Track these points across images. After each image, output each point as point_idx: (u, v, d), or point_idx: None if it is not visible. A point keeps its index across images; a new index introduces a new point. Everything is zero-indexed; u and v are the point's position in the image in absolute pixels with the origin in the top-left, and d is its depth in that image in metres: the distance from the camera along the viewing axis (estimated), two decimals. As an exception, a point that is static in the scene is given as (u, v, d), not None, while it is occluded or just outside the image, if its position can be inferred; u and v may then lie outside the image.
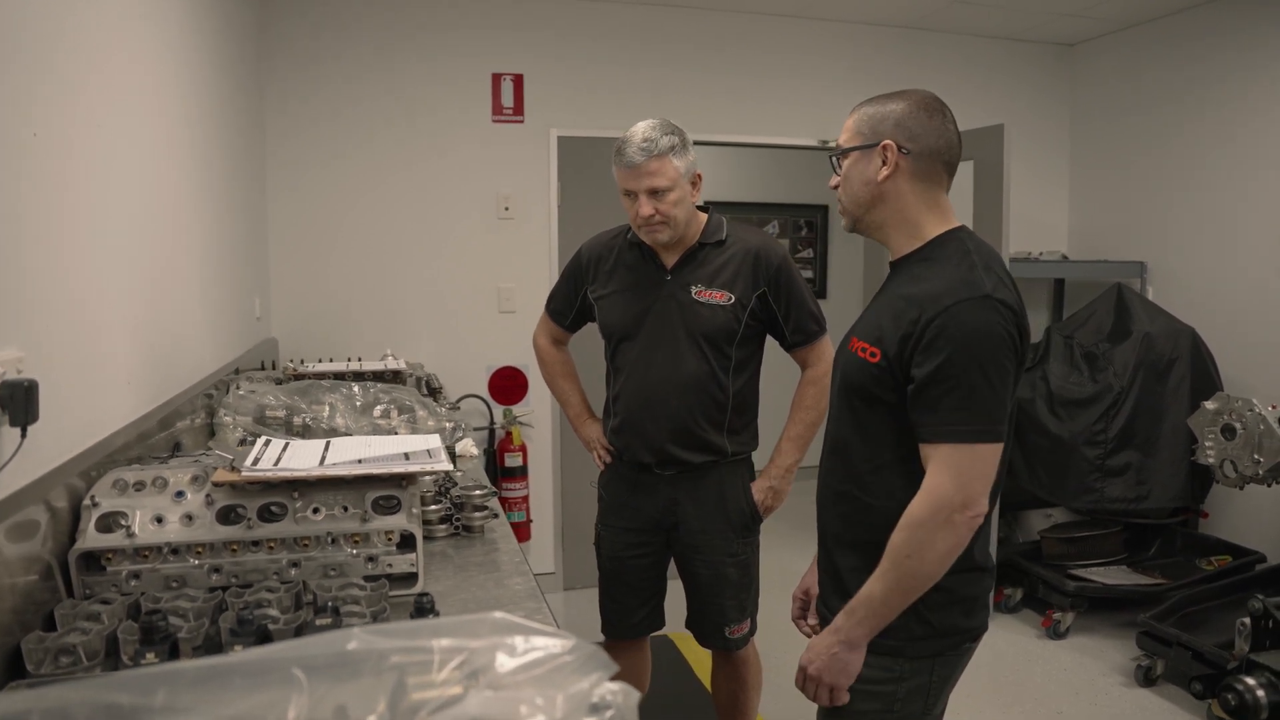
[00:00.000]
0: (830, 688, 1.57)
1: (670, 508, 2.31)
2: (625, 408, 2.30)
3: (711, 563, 2.32)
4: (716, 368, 2.24)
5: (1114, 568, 3.91)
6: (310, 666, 0.73)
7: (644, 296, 2.27)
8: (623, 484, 2.38)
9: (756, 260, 2.24)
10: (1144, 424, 3.75)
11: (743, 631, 2.40)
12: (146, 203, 1.97)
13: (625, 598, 2.43)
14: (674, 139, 2.17)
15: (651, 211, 2.16)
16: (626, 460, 2.34)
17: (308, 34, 3.94)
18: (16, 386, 1.19)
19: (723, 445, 2.27)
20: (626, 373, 2.30)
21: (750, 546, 2.37)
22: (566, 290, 2.46)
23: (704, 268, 2.25)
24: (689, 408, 2.23)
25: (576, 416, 2.54)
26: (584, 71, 4.29)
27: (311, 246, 4.02)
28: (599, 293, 2.36)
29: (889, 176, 1.53)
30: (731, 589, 2.34)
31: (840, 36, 4.61)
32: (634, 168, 2.15)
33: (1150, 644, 3.31)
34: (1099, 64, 4.83)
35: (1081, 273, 4.65)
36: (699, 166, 2.25)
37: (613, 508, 2.42)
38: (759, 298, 2.24)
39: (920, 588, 1.48)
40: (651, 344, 2.25)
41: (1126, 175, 4.67)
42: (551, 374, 2.58)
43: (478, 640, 0.76)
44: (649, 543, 2.37)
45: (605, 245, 2.39)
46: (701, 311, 2.22)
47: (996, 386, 1.43)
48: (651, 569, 2.41)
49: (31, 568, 1.29)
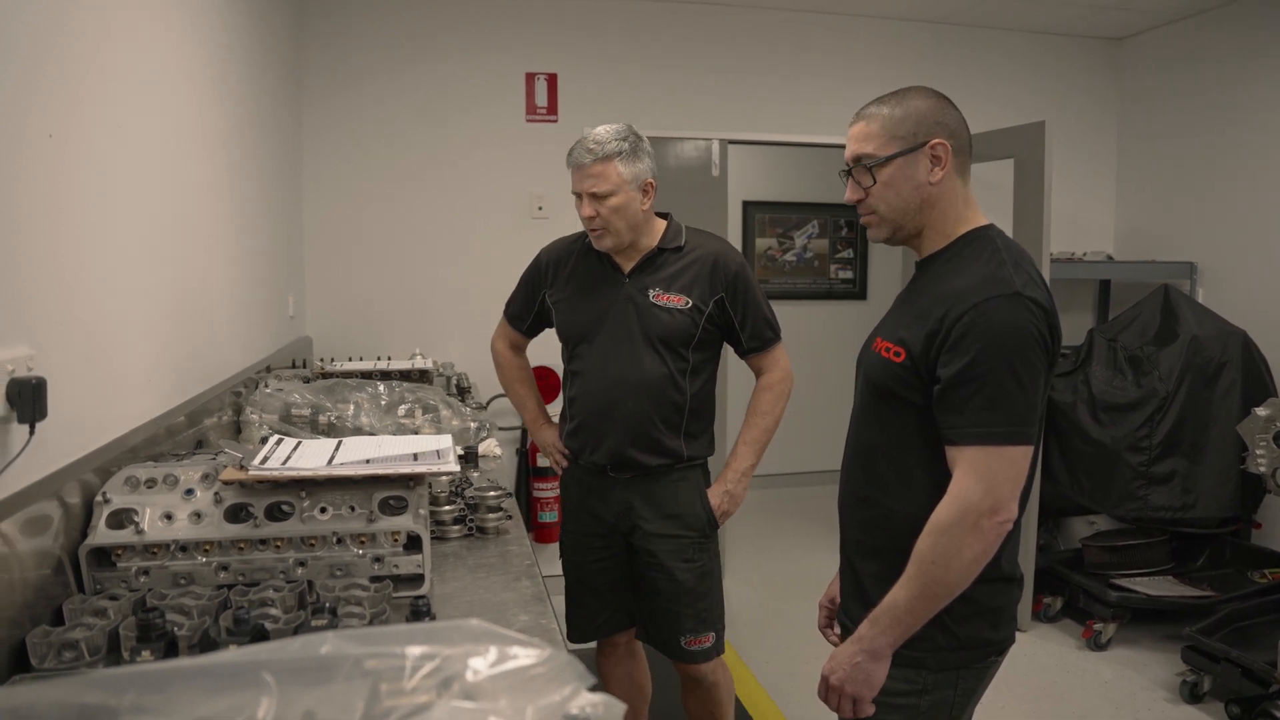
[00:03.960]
0: (853, 698, 1.52)
1: (626, 511, 2.28)
2: (582, 410, 2.28)
3: (666, 568, 2.26)
4: (674, 370, 2.21)
5: (1159, 578, 3.79)
6: (281, 670, 0.72)
7: (601, 299, 2.26)
8: (579, 488, 2.35)
9: (715, 266, 2.22)
10: (1191, 430, 3.62)
11: (702, 645, 2.31)
12: (168, 203, 1.99)
13: (587, 600, 2.39)
14: (623, 145, 2.16)
15: (592, 213, 2.16)
16: (583, 463, 2.31)
17: (343, 33, 3.98)
18: (25, 384, 1.20)
19: (679, 449, 2.24)
20: (583, 375, 2.28)
21: (708, 554, 2.31)
22: (525, 295, 2.45)
23: (661, 272, 2.24)
24: (645, 410, 2.20)
25: (533, 421, 2.54)
26: (618, 71, 4.28)
27: (346, 246, 4.06)
28: (556, 296, 2.35)
29: (943, 177, 1.48)
30: (688, 596, 2.27)
31: (877, 33, 4.54)
32: (578, 168, 2.18)
33: (1196, 659, 3.19)
34: (1147, 59, 4.69)
35: (1127, 274, 4.52)
36: (653, 173, 2.23)
37: (570, 513, 2.40)
38: (716, 303, 2.22)
39: (947, 596, 1.43)
40: (608, 346, 2.23)
41: (1176, 173, 4.53)
42: (508, 379, 2.57)
43: (451, 648, 0.75)
44: (608, 546, 2.33)
45: (564, 249, 2.38)
46: (659, 314, 2.20)
47: (1026, 386, 1.38)
48: (612, 571, 2.36)
49: (43, 563, 1.30)
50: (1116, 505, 3.70)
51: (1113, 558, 3.84)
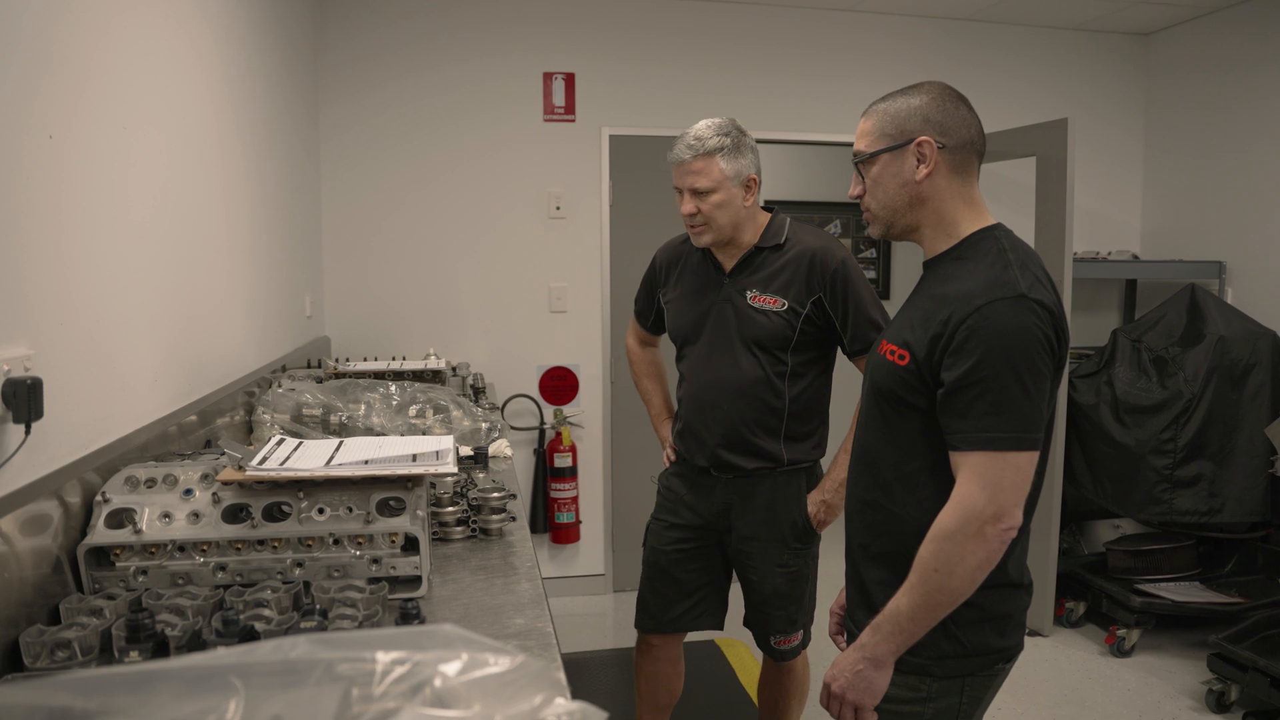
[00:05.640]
0: (855, 706, 1.50)
1: (724, 511, 2.30)
2: (686, 411, 2.32)
3: (760, 570, 2.29)
4: (771, 374, 2.19)
5: (1185, 584, 3.71)
6: (250, 674, 0.72)
7: (704, 300, 2.27)
8: (682, 483, 2.38)
9: (812, 264, 2.17)
10: (1217, 433, 3.54)
11: (790, 644, 2.37)
12: (178, 205, 2.00)
13: (666, 589, 2.39)
14: (725, 140, 2.14)
15: (693, 210, 2.15)
16: (688, 462, 2.34)
17: (361, 33, 4.00)
18: (20, 384, 1.21)
19: (777, 452, 2.23)
20: (688, 377, 2.31)
21: (803, 559, 2.31)
22: (645, 293, 2.50)
23: (760, 271, 2.21)
24: (740, 413, 2.20)
25: (656, 416, 2.58)
26: (637, 69, 4.26)
27: (363, 246, 4.07)
28: (668, 296, 2.38)
29: (929, 175, 1.46)
30: (779, 599, 2.30)
31: (900, 31, 4.49)
32: (679, 164, 2.17)
33: (1223, 667, 3.12)
34: (1176, 53, 4.59)
35: (1154, 273, 4.43)
36: (757, 169, 2.21)
37: (666, 503, 2.41)
38: (814, 304, 2.17)
39: (950, 604, 1.40)
40: (710, 348, 2.25)
41: (1205, 170, 4.43)
42: (636, 373, 2.62)
43: (423, 653, 0.74)
44: (695, 540, 2.35)
45: (676, 249, 2.41)
46: (755, 317, 2.19)
47: (1031, 391, 1.35)
48: (695, 565, 2.37)
49: (42, 562, 1.30)
50: (1140, 509, 3.63)
51: (1137, 562, 3.76)
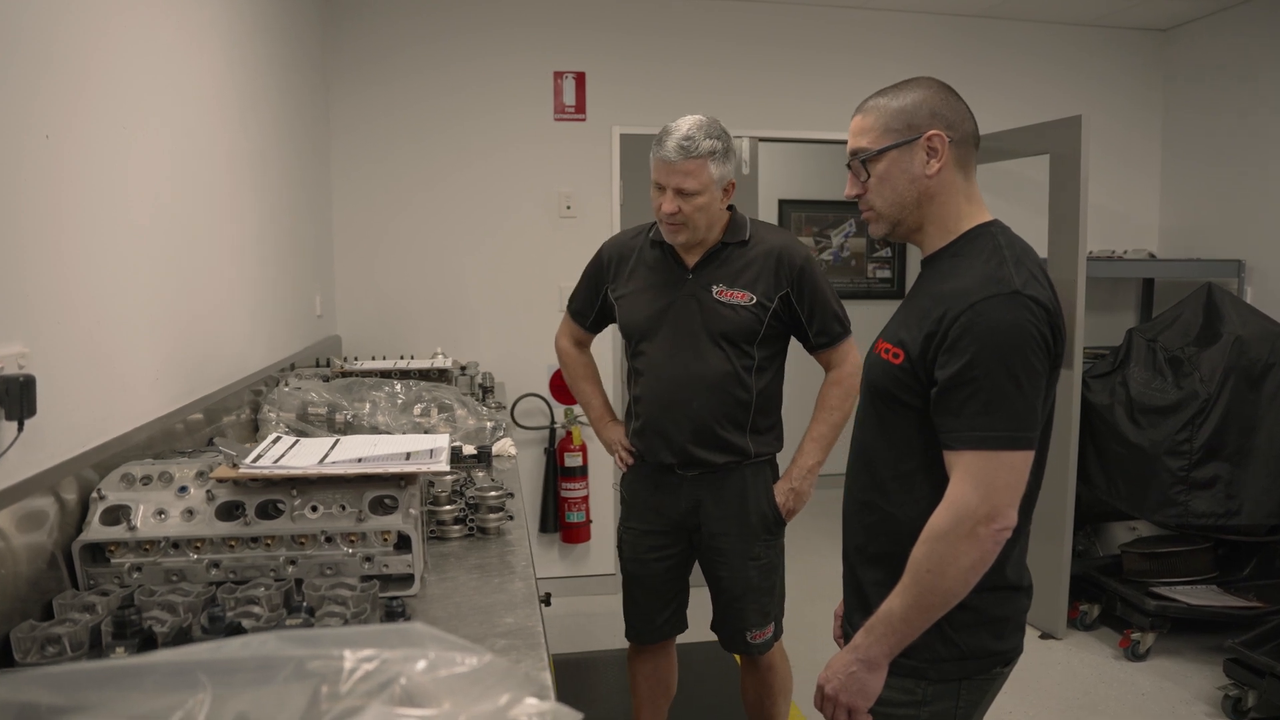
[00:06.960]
0: (848, 708, 1.49)
1: (693, 509, 2.28)
2: (647, 409, 2.27)
3: (733, 565, 2.28)
4: (739, 367, 2.19)
5: (1202, 587, 3.65)
6: (218, 670, 0.72)
7: (664, 295, 2.24)
8: (645, 485, 2.35)
9: (779, 261, 2.19)
10: (1234, 434, 3.48)
11: (764, 637, 2.35)
12: (181, 206, 2.01)
13: (647, 601, 2.40)
14: (716, 144, 2.13)
15: (674, 209, 2.13)
16: (649, 461, 2.30)
17: (371, 32, 4.01)
18: (12, 381, 1.21)
19: (745, 446, 2.23)
20: (647, 373, 2.27)
21: (773, 550, 2.32)
22: (587, 290, 2.44)
23: (725, 267, 2.21)
24: (710, 408, 2.19)
25: (598, 419, 2.52)
26: (647, 68, 4.25)
27: (374, 245, 4.09)
28: (620, 292, 2.33)
29: (940, 169, 1.44)
30: (753, 593, 2.30)
31: (911, 29, 4.45)
32: (668, 163, 2.13)
33: (1240, 672, 3.07)
34: (1195, 49, 4.53)
35: (1172, 272, 4.37)
36: (737, 172, 2.21)
37: (635, 510, 2.38)
38: (781, 299, 2.19)
39: (943, 605, 1.39)
40: (672, 343, 2.22)
41: (1224, 168, 4.36)
42: (573, 376, 2.56)
43: (391, 651, 0.74)
44: (671, 545, 2.34)
45: (626, 244, 2.37)
46: (723, 311, 2.18)
47: (1026, 389, 1.33)
48: (673, 571, 2.38)
49: (37, 558, 1.31)
50: (1155, 511, 3.58)
51: (1152, 565, 3.72)
